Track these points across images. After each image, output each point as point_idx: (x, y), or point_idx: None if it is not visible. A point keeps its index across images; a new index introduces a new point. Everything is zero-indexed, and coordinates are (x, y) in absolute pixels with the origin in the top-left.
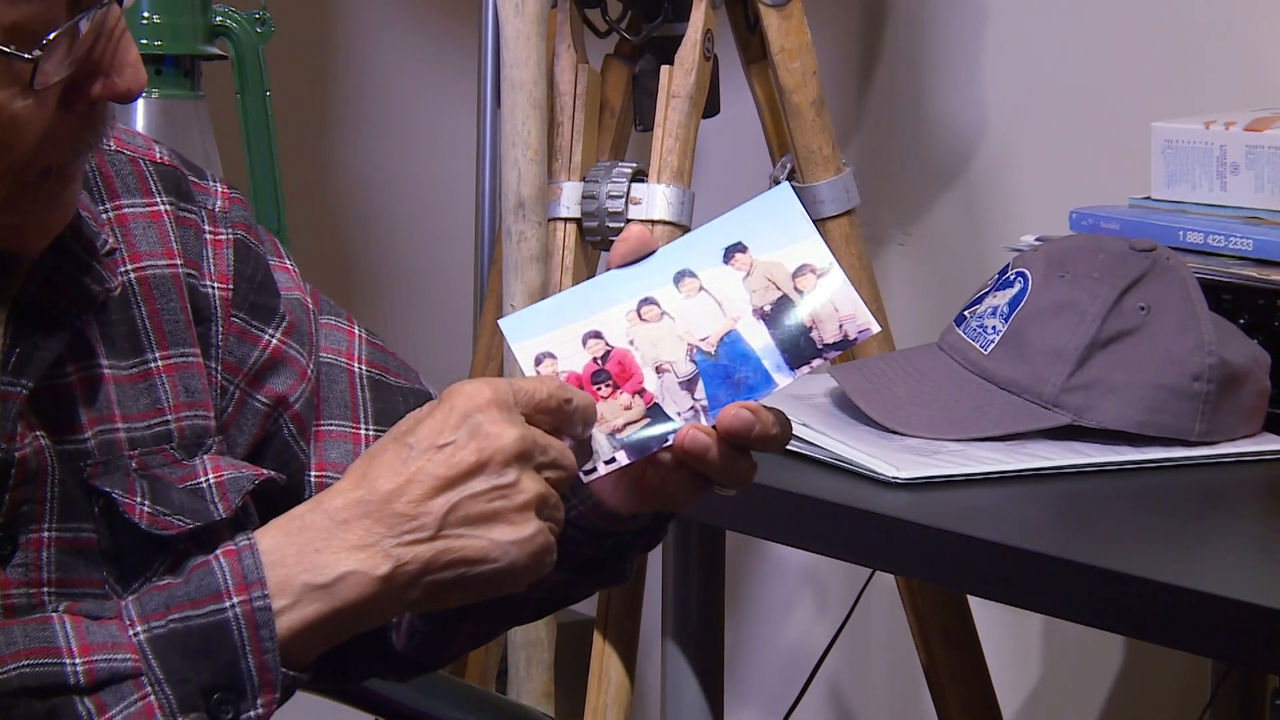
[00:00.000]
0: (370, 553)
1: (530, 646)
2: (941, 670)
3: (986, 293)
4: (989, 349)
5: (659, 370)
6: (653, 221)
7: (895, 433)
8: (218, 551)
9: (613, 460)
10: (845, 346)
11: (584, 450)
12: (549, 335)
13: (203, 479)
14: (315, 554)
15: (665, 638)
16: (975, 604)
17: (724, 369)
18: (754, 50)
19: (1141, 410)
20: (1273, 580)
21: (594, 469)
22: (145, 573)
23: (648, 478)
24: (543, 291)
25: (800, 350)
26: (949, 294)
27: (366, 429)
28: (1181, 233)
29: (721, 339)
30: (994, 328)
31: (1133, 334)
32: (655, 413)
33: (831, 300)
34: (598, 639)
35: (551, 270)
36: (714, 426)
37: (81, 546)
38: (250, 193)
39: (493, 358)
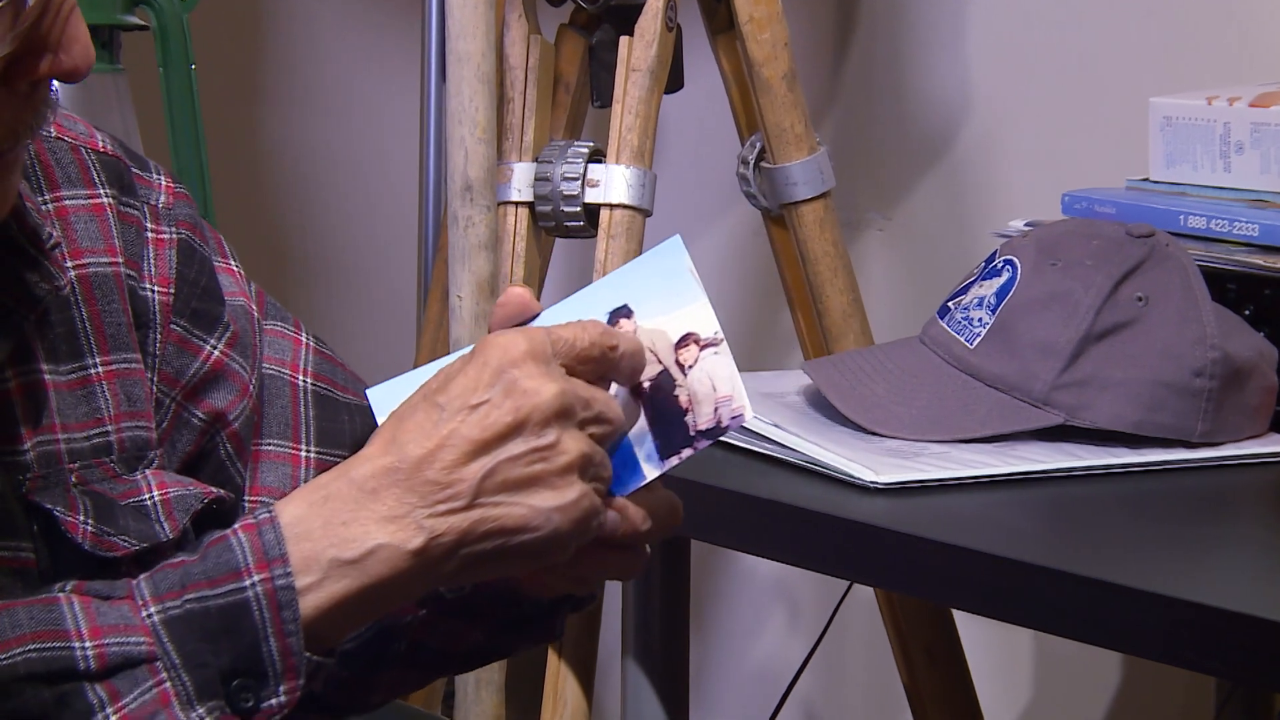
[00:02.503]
0: (402, 524)
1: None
2: (924, 690)
3: (972, 282)
4: (975, 343)
5: None
6: (611, 205)
7: (874, 433)
8: (236, 525)
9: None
10: (717, 435)
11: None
12: None
13: (147, 496)
14: (342, 526)
15: (625, 656)
16: (960, 618)
17: None
18: (720, 20)
19: (1139, 409)
20: None
21: None
22: None
23: (537, 577)
24: (492, 282)
25: (672, 437)
26: (932, 283)
27: (307, 450)
28: (1182, 217)
29: None
30: (980, 320)
31: (1129, 326)
32: None
33: (710, 376)
34: (552, 658)
35: (501, 259)
36: None
37: (19, 567)
38: (174, 172)
39: (438, 353)
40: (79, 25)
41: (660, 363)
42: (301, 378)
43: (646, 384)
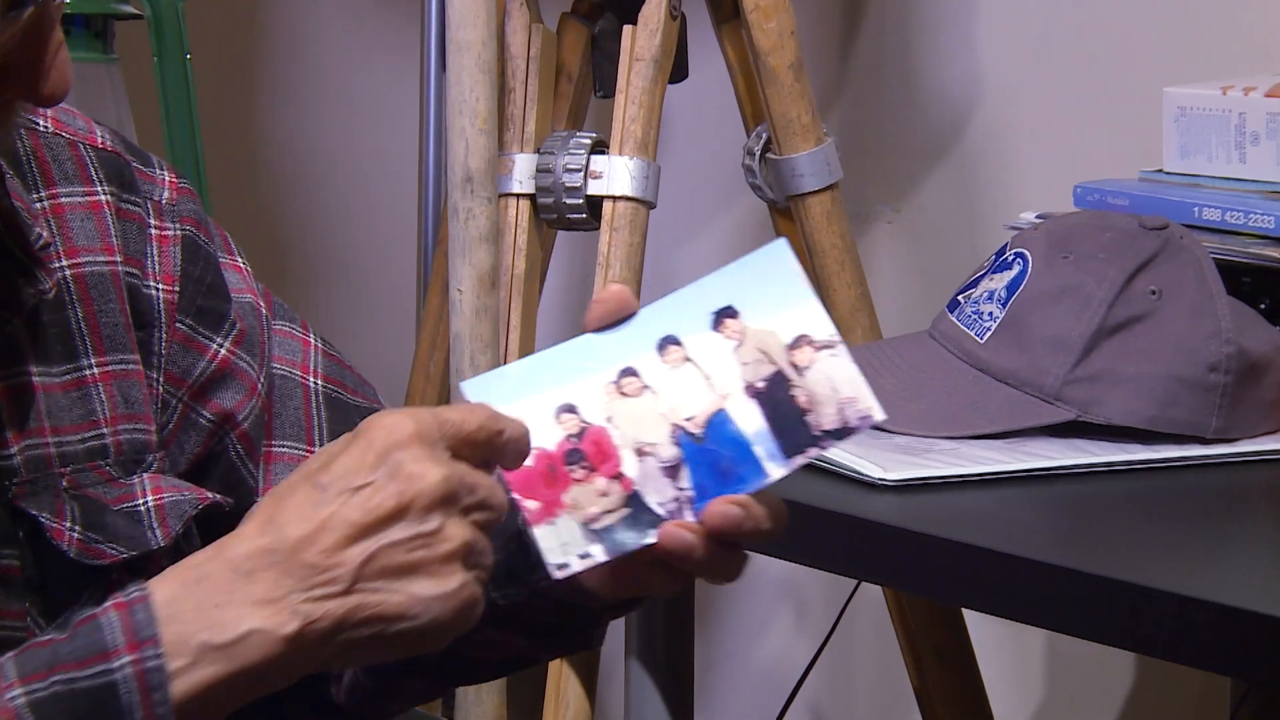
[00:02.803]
0: (276, 609)
1: None
2: (934, 692)
3: (982, 275)
4: (985, 337)
5: (640, 453)
6: (614, 197)
7: (882, 430)
8: (107, 604)
9: (587, 555)
10: (844, 436)
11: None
12: (517, 404)
13: (141, 501)
14: (215, 609)
15: (629, 657)
16: (970, 618)
17: (712, 455)
18: (725, 8)
19: (1153, 404)
20: None
21: (566, 564)
22: (73, 605)
23: (625, 571)
24: (493, 275)
25: (795, 437)
26: (941, 277)
27: None
28: (1196, 209)
29: (709, 419)
30: (990, 314)
31: (1143, 320)
32: (634, 502)
33: (830, 379)
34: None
35: (503, 251)
36: (699, 521)
37: (3, 574)
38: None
39: (438, 348)
40: (61, 52)
41: (773, 364)
42: (313, 379)
43: (761, 384)
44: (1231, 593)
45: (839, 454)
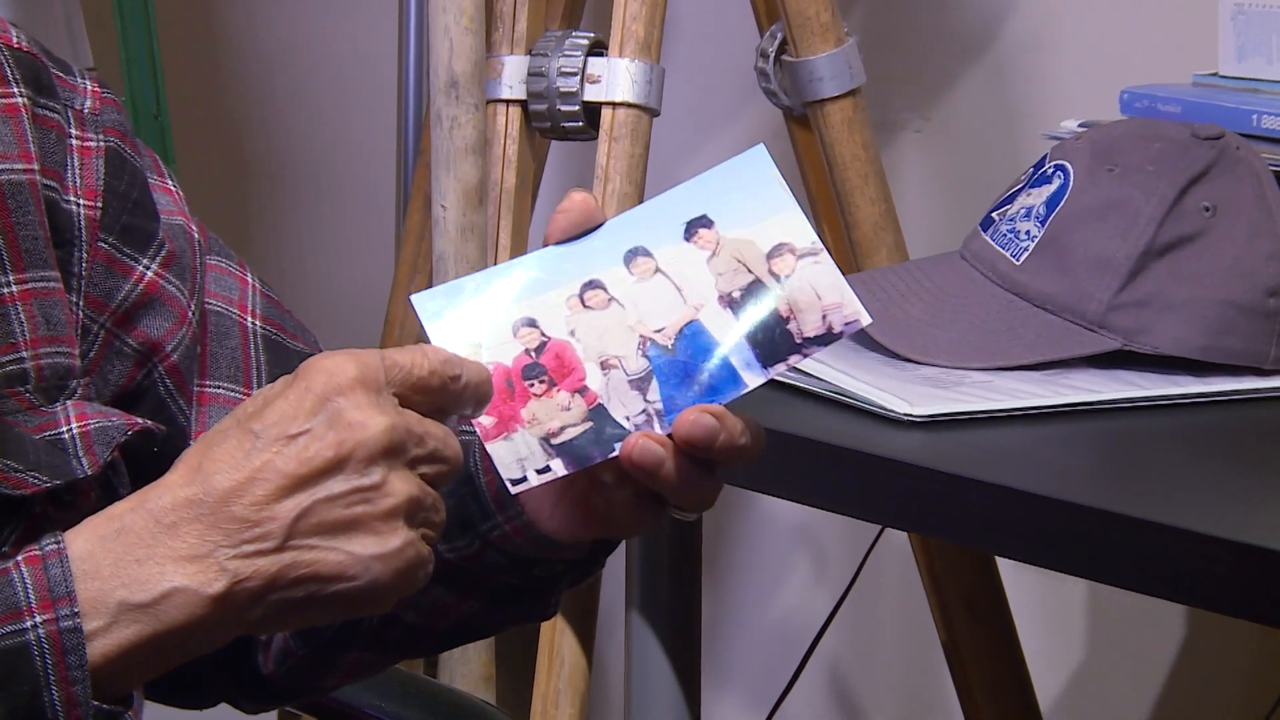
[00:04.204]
0: (202, 565)
1: None
2: (965, 648)
3: (1019, 190)
4: (1021, 258)
5: (604, 366)
6: (614, 104)
7: (909, 360)
8: (19, 557)
9: (546, 469)
10: (829, 341)
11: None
12: (471, 320)
13: (65, 429)
14: (135, 565)
15: (630, 609)
16: (1004, 567)
17: (683, 366)
18: None
19: (1205, 332)
20: None
21: (523, 478)
22: None
23: (591, 499)
24: (480, 189)
25: (775, 345)
26: (974, 192)
27: None
28: (1255, 117)
29: (680, 330)
30: (1028, 232)
31: (1195, 240)
32: (599, 415)
33: (813, 286)
34: None
35: (491, 164)
36: (670, 435)
37: None
38: (123, 68)
39: (420, 270)
40: None
41: (751, 273)
42: (250, 320)
43: (737, 293)
44: None
45: (860, 387)
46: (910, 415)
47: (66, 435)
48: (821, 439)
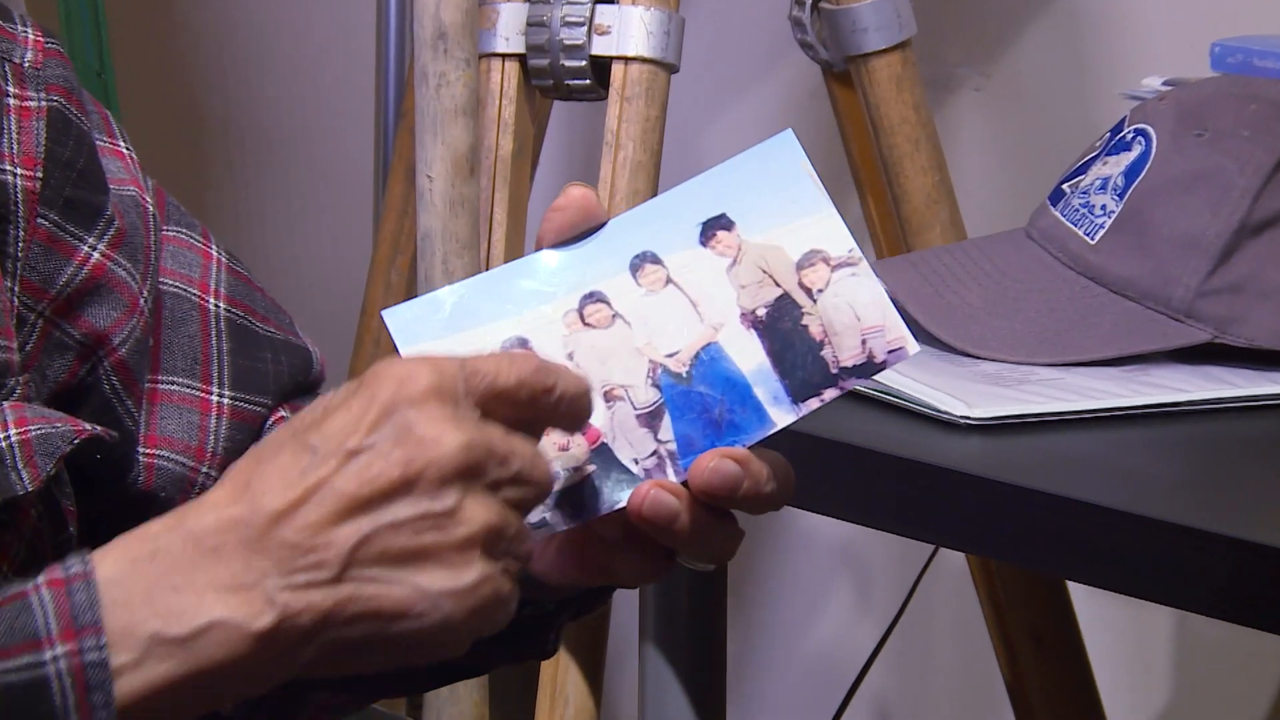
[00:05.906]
0: (247, 596)
1: None
2: (1030, 685)
3: (1094, 158)
4: (1097, 237)
5: (609, 397)
6: (626, 58)
7: (966, 354)
8: (39, 579)
9: (543, 524)
10: (870, 373)
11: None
12: (453, 339)
13: (2, 435)
14: (171, 593)
15: (644, 642)
16: (1077, 593)
17: (700, 399)
18: None
19: None
20: None
21: None
22: None
23: (589, 550)
24: (472, 157)
25: (807, 376)
26: (1041, 160)
27: (220, 394)
28: None
29: (697, 355)
30: (1104, 207)
31: None
32: (603, 457)
33: (851, 303)
34: None
35: (484, 127)
36: (684, 482)
37: None
38: (60, 18)
39: (402, 249)
40: None
41: (779, 286)
42: (213, 301)
43: (763, 311)
44: None
45: (910, 385)
46: (968, 418)
47: (4, 444)
48: (866, 445)
